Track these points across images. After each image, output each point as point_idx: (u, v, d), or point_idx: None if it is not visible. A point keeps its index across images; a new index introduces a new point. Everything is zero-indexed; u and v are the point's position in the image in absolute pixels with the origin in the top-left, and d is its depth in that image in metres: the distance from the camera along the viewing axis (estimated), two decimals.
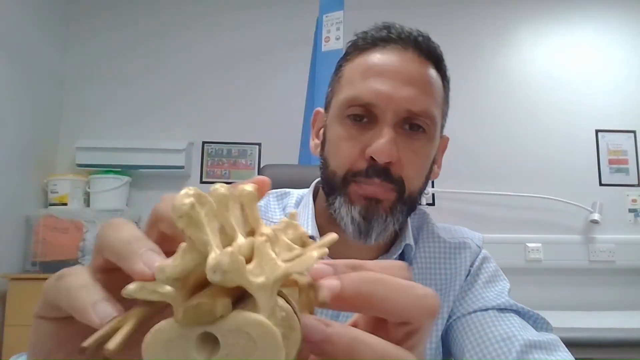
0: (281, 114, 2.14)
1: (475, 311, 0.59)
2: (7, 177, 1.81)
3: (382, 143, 0.52)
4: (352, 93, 0.56)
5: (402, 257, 0.62)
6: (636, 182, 2.08)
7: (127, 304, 0.20)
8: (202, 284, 0.19)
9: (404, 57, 0.56)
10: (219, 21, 2.25)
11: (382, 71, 0.55)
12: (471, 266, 0.63)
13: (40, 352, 0.23)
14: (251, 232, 0.21)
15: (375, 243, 0.56)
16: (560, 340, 0.56)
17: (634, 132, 2.12)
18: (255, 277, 0.18)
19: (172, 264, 0.19)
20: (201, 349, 0.18)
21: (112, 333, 0.19)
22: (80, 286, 0.21)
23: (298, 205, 0.66)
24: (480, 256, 0.65)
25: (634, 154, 2.11)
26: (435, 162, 0.62)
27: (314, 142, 0.66)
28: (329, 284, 0.20)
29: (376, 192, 0.54)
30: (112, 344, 0.18)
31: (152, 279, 0.19)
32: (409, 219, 0.61)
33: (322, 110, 0.66)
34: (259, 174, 0.52)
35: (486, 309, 0.58)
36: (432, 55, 0.58)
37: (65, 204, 1.92)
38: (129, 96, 2.18)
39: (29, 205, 1.91)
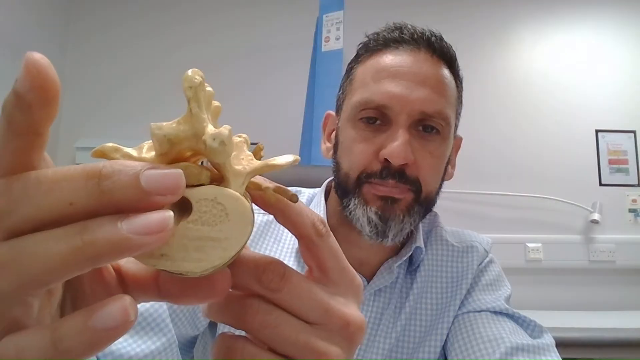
0: (281, 114, 2.13)
1: (469, 312, 0.59)
2: None
3: (397, 145, 0.51)
4: (365, 96, 0.54)
5: (411, 259, 0.62)
6: (636, 182, 2.07)
7: None
8: (176, 161, 0.20)
9: (417, 57, 0.55)
10: (219, 20, 2.24)
11: (395, 73, 0.54)
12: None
13: None
14: None
15: (392, 243, 0.55)
16: (554, 346, 0.55)
17: (634, 132, 2.12)
18: (234, 164, 0.20)
19: (170, 125, 0.20)
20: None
21: None
22: None
23: (309, 204, 0.65)
24: (486, 260, 0.65)
25: (634, 154, 2.10)
26: (450, 162, 0.61)
27: (326, 146, 0.65)
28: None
29: (391, 191, 0.53)
30: None
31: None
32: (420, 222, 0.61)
33: (333, 113, 0.65)
34: None
35: (480, 311, 0.58)
36: (445, 55, 0.57)
37: None
38: (129, 96, 2.18)
39: None
